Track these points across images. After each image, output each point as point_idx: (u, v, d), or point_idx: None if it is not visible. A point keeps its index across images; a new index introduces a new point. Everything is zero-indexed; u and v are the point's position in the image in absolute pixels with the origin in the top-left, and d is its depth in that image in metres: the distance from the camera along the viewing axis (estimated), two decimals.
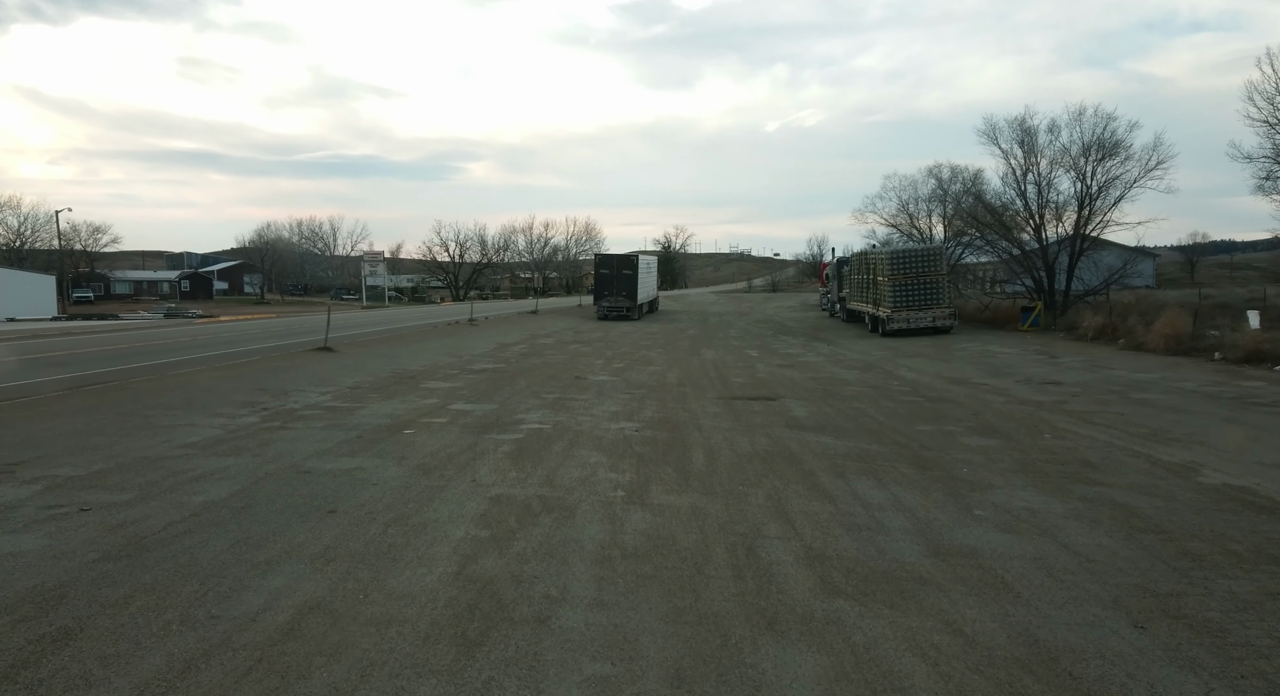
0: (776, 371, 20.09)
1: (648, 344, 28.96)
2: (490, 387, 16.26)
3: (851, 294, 37.09)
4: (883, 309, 30.27)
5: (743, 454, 10.17)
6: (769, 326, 39.89)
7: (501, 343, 28.30)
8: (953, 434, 11.59)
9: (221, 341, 26.98)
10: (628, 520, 7.27)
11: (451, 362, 21.05)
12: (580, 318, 45.52)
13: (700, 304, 68.51)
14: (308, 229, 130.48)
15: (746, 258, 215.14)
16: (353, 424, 11.76)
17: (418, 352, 23.48)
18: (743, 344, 29.40)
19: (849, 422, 12.52)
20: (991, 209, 33.07)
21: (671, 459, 9.84)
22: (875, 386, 17.01)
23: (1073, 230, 30.87)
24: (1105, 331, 24.24)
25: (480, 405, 13.91)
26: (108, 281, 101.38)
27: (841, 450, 10.44)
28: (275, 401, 13.65)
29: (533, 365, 20.91)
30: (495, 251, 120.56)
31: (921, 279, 29.35)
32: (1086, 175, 30.38)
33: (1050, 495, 8.27)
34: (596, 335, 33.28)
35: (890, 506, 7.84)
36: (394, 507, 7.50)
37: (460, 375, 18.29)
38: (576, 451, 10.19)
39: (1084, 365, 19.73)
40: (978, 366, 20.25)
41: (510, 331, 33.91)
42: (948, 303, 29.67)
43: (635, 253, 45.23)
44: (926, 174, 44.11)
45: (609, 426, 11.97)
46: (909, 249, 30.82)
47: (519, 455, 9.89)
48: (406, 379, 17.35)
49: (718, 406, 14.14)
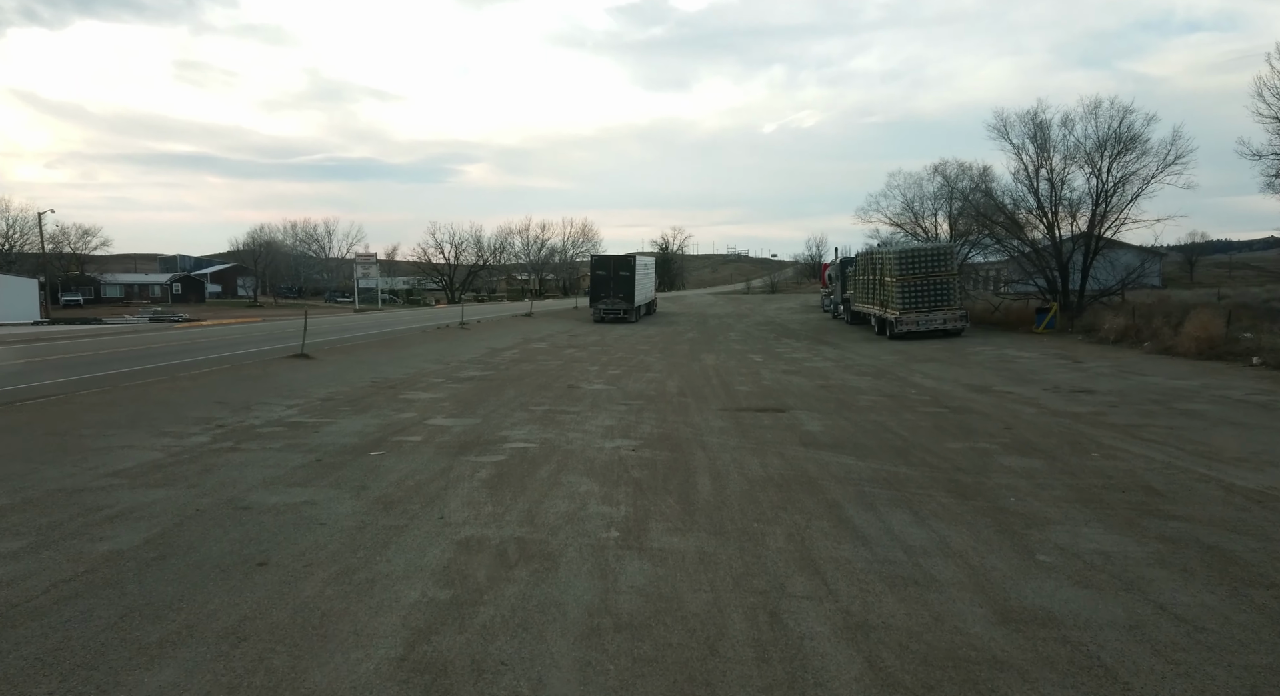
0: (783, 378, 18.81)
1: (645, 348, 27.68)
2: (475, 399, 14.98)
3: (856, 295, 35.83)
4: (890, 311, 29.00)
5: (754, 479, 8.89)
6: (771, 329, 38.62)
7: (492, 348, 27.01)
8: (988, 452, 10.32)
9: (197, 347, 25.66)
10: (622, 572, 6.00)
11: (437, 370, 19.75)
12: (576, 320, 44.23)
13: (699, 305, 67.24)
14: (302, 231, 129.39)
15: (744, 259, 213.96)
16: (315, 444, 10.47)
17: (403, 359, 22.17)
18: (745, 348, 28.13)
19: (869, 439, 11.24)
20: (1002, 206, 31.79)
21: (673, 486, 8.56)
22: (891, 395, 15.74)
23: (1087, 228, 29.61)
24: (1128, 334, 22.97)
25: (462, 419, 12.62)
26: (98, 285, 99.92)
27: (866, 473, 9.17)
28: (233, 417, 12.34)
29: (523, 372, 19.62)
30: (491, 253, 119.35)
31: (931, 279, 28.08)
32: (1102, 171, 29.16)
33: (1121, 533, 7.00)
34: (592, 339, 32.00)
35: (935, 549, 6.56)
36: (340, 557, 6.21)
37: (444, 384, 17.00)
38: (565, 477, 8.90)
39: (1113, 370, 18.46)
40: (998, 372, 18.99)
41: (503, 335, 32.62)
42: (959, 304, 28.39)
43: (632, 253, 43.96)
44: (932, 172, 42.90)
45: (603, 445, 10.69)
46: (918, 247, 29.56)
47: (498, 483, 8.61)
48: (385, 389, 16.06)
49: (723, 420, 12.86)
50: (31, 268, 78.43)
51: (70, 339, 31.40)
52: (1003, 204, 32.01)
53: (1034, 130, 30.68)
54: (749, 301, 75.60)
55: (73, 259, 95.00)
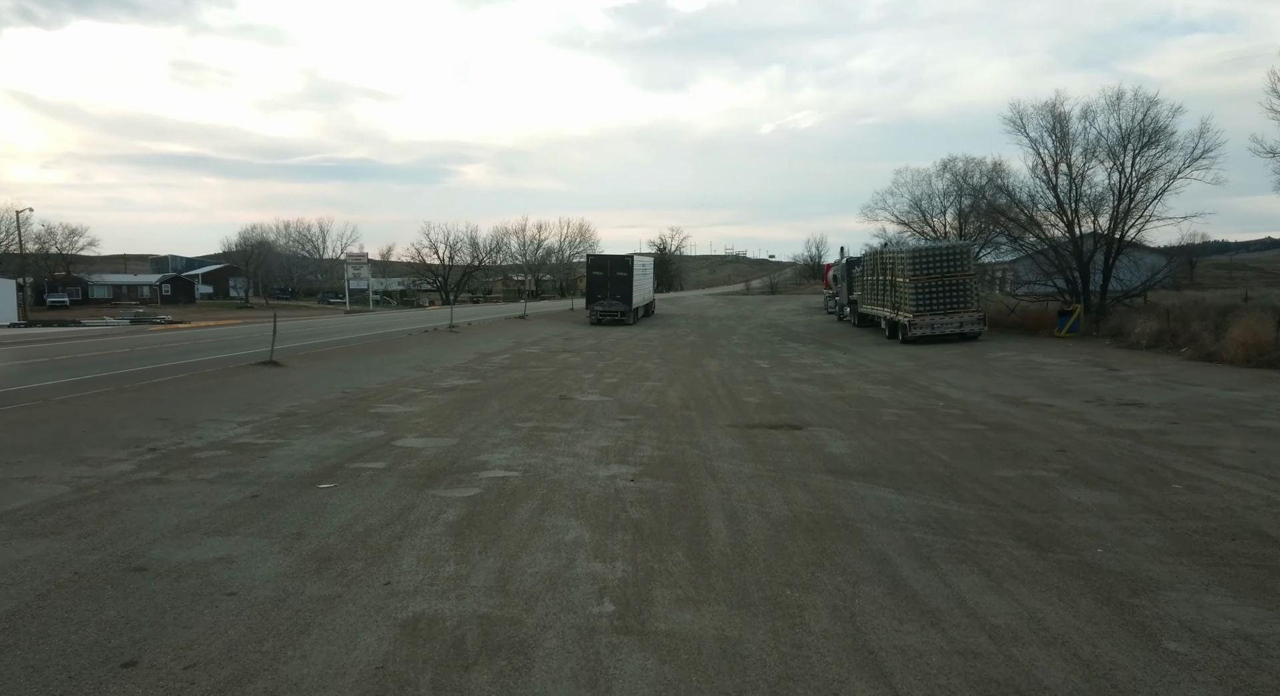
0: (794, 387, 17.27)
1: (644, 353, 26.14)
2: (455, 413, 13.42)
3: (864, 296, 34.30)
4: (903, 313, 27.46)
5: (778, 520, 7.35)
6: (774, 332, 37.09)
7: (481, 352, 25.45)
8: (1048, 483, 8.78)
9: (163, 352, 24.06)
10: (619, 675, 4.44)
11: (418, 378, 18.18)
12: (571, 323, 42.67)
13: (698, 307, 65.71)
14: (296, 231, 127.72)
15: (742, 260, 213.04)
16: (257, 473, 8.90)
17: (382, 366, 20.60)
18: (749, 352, 26.59)
19: (905, 464, 9.70)
20: (1020, 203, 30.27)
21: (681, 531, 7.02)
22: (917, 408, 14.20)
23: (1109, 225, 28.10)
24: (1162, 339, 21.43)
25: (436, 439, 11.06)
26: (85, 285, 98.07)
27: (912, 513, 7.63)
28: (171, 438, 10.77)
29: (512, 381, 18.06)
30: (487, 253, 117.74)
31: (946, 280, 26.54)
32: (1125, 166, 27.65)
33: (1257, 603, 5.46)
34: (588, 343, 30.45)
35: (1028, 632, 5.02)
36: (238, 651, 4.65)
37: (423, 395, 15.44)
38: (549, 519, 7.35)
39: (1156, 380, 16.92)
40: (1028, 381, 17.45)
41: (493, 339, 31.05)
42: (976, 306, 26.84)
43: (630, 254, 42.37)
44: (940, 168, 41.37)
45: (596, 473, 9.14)
46: (932, 246, 28.02)
47: (467, 528, 7.05)
48: (357, 401, 14.49)
49: (733, 439, 11.32)
50: (16, 268, 76.69)
51: (34, 343, 29.76)
52: (1020, 200, 30.48)
53: (1053, 123, 29.20)
54: (749, 303, 74.09)
55: (59, 259, 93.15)
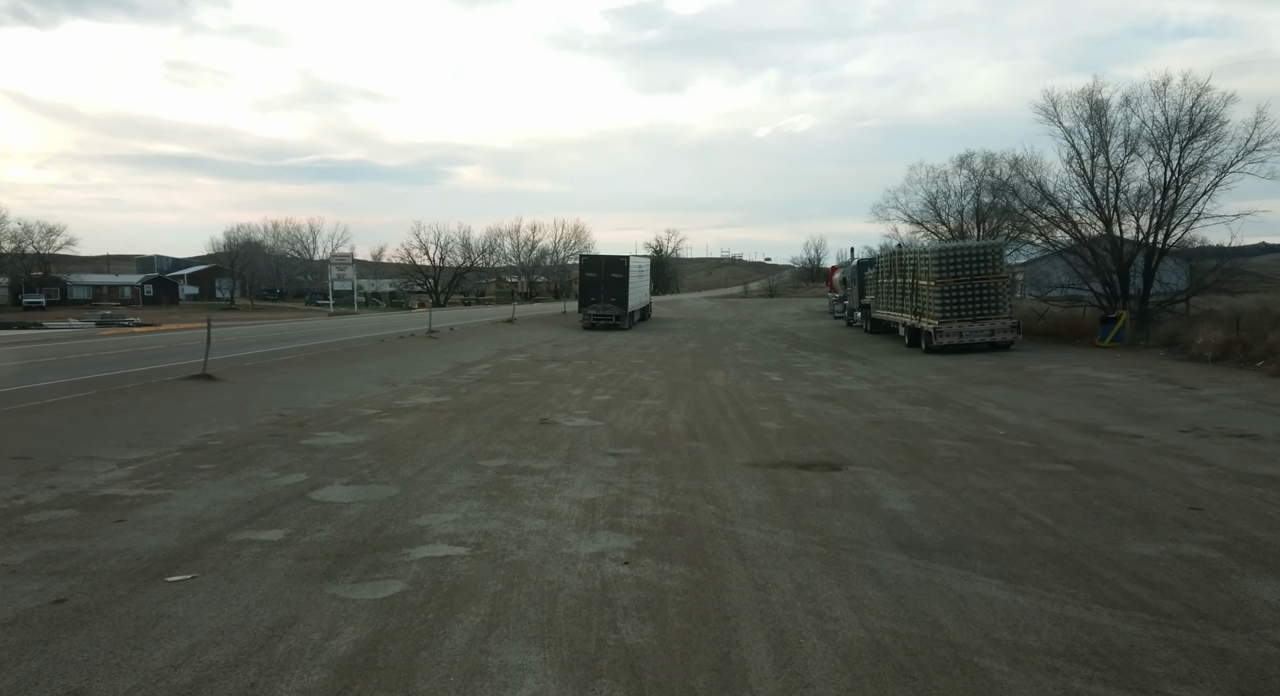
0: (816, 408, 14.69)
1: (641, 362, 23.54)
2: (408, 444, 10.81)
3: (879, 300, 31.72)
4: (926, 319, 24.86)
5: (851, 650, 4.75)
6: (780, 338, 34.51)
7: (459, 362, 22.81)
8: (1214, 568, 6.20)
9: (95, 362, 21.31)
10: None
11: (376, 396, 15.56)
12: (563, 327, 40.03)
13: (696, 310, 63.14)
14: (285, 231, 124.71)
15: (738, 262, 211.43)
16: (91, 553, 6.28)
17: (339, 379, 17.95)
18: (756, 362, 24.00)
19: (997, 531, 7.11)
20: (1052, 198, 27.73)
21: (703, 677, 4.41)
22: (973, 438, 11.62)
23: (1152, 223, 25.57)
24: (1231, 350, 18.88)
25: (370, 487, 8.45)
26: (64, 286, 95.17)
27: (1047, 632, 5.03)
28: (11, 488, 8.12)
29: (488, 398, 15.45)
30: (480, 254, 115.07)
31: (976, 282, 23.96)
32: (1171, 158, 25.15)
33: None
34: (579, 350, 27.83)
35: None
36: None
37: (376, 419, 12.82)
38: (497, 650, 4.74)
39: (1249, 402, 14.33)
40: (1094, 403, 14.87)
41: (475, 346, 28.40)
42: (1009, 312, 24.27)
43: (626, 254, 39.71)
44: (957, 164, 38.76)
45: (576, 549, 6.54)
46: (961, 245, 25.45)
47: (360, 675, 4.42)
48: (290, 428, 11.86)
49: (757, 485, 8.73)
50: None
51: None
52: (1052, 195, 27.90)
53: (1090, 111, 26.63)
54: (748, 306, 71.53)
55: (35, 259, 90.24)
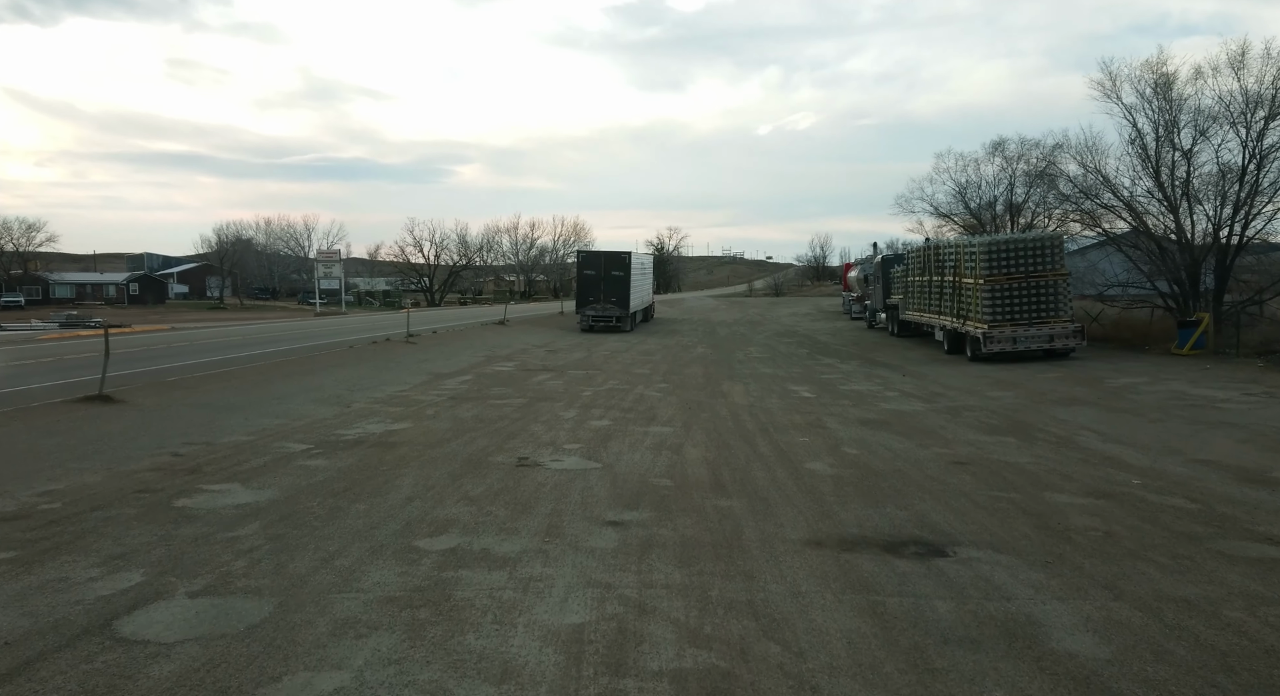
0: (870, 438, 11.52)
1: (645, 372, 20.40)
2: (321, 509, 7.66)
3: (908, 300, 28.55)
4: (973, 323, 21.68)
5: None
6: (798, 341, 31.34)
7: (435, 373, 19.66)
8: None
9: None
10: None
11: (317, 422, 12.42)
12: (559, 329, 36.87)
13: (700, 310, 59.98)
14: (278, 228, 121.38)
15: (739, 261, 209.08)
16: None
17: (279, 399, 14.79)
18: (778, 371, 20.84)
19: None
20: (1114, 185, 24.47)
21: None
22: (1106, 493, 8.46)
23: (1228, 213, 22.38)
24: None
25: (225, 604, 5.30)
26: (46, 284, 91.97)
27: None
28: None
29: (456, 425, 12.30)
30: (476, 251, 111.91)
31: (1032, 280, 20.79)
32: (1251, 140, 21.99)
33: None
34: (576, 357, 24.68)
35: None
36: None
37: (297, 461, 9.66)
38: None
39: None
40: (1220, 432, 11.69)
41: (457, 352, 25.23)
42: (1069, 314, 21.12)
43: (627, 250, 36.49)
44: (990, 150, 35.48)
45: None
46: (1015, 238, 22.28)
47: None
48: (174, 477, 8.71)
49: (834, 596, 5.58)
50: None
51: None
52: (1113, 182, 24.61)
53: (1155, 85, 23.41)
54: (755, 305, 68.37)
55: (15, 257, 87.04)
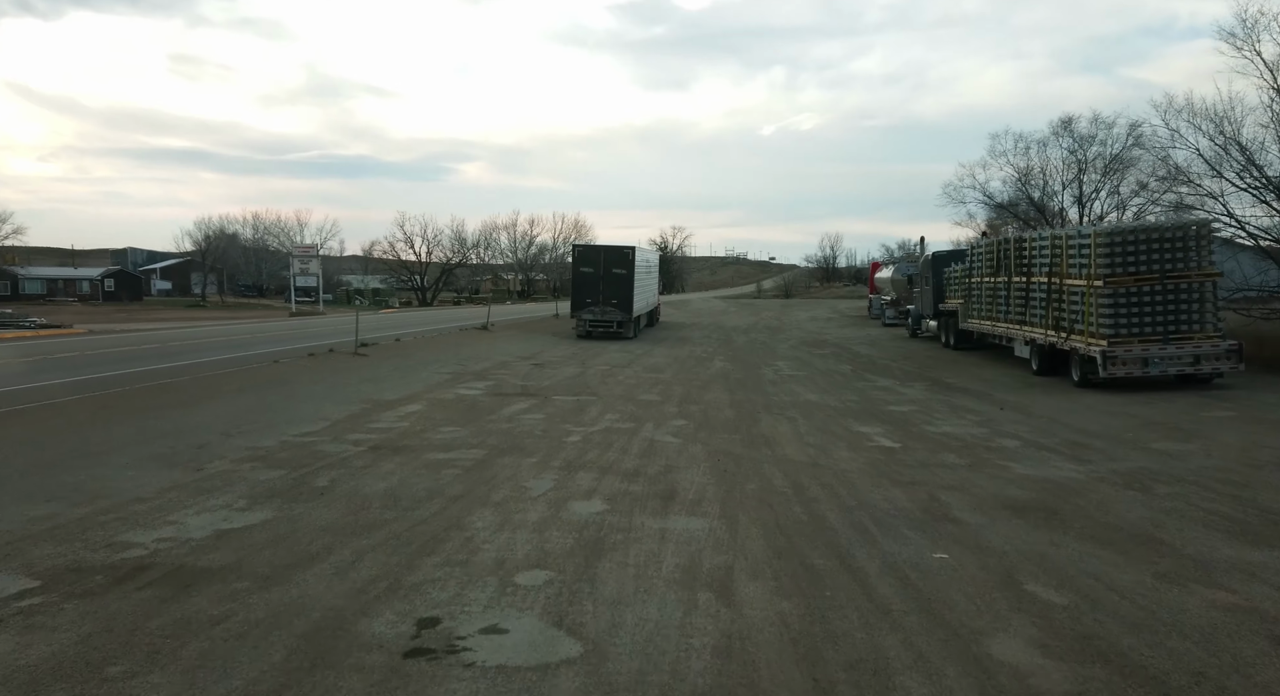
0: (1051, 555, 6.59)
1: (655, 398, 15.45)
2: None
3: (971, 305, 23.59)
4: (1085, 337, 16.64)
5: None
6: (833, 354, 26.39)
7: (374, 400, 14.72)
8: None
9: None
10: None
11: (96, 515, 7.48)
12: (551, 335, 31.92)
13: (710, 312, 54.99)
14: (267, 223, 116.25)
15: (743, 261, 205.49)
16: None
17: (91, 455, 9.84)
18: (827, 400, 15.89)
19: None
20: (1256, 162, 19.49)
21: None
22: None
23: None
24: None
25: None
26: (15, 279, 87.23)
27: None
28: None
29: (344, 517, 7.35)
30: (473, 249, 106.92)
31: (1167, 282, 15.84)
32: None
33: None
34: (565, 374, 19.75)
35: None
36: None
37: (36, 617, 4.73)
38: None
39: None
40: None
41: (419, 368, 20.27)
42: (1216, 327, 16.16)
43: (629, 245, 31.48)
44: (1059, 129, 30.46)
45: None
46: (1145, 226, 17.27)
47: None
48: None
49: None
50: None
51: None
52: (1255, 158, 19.59)
53: None
54: (767, 308, 63.37)
55: None
